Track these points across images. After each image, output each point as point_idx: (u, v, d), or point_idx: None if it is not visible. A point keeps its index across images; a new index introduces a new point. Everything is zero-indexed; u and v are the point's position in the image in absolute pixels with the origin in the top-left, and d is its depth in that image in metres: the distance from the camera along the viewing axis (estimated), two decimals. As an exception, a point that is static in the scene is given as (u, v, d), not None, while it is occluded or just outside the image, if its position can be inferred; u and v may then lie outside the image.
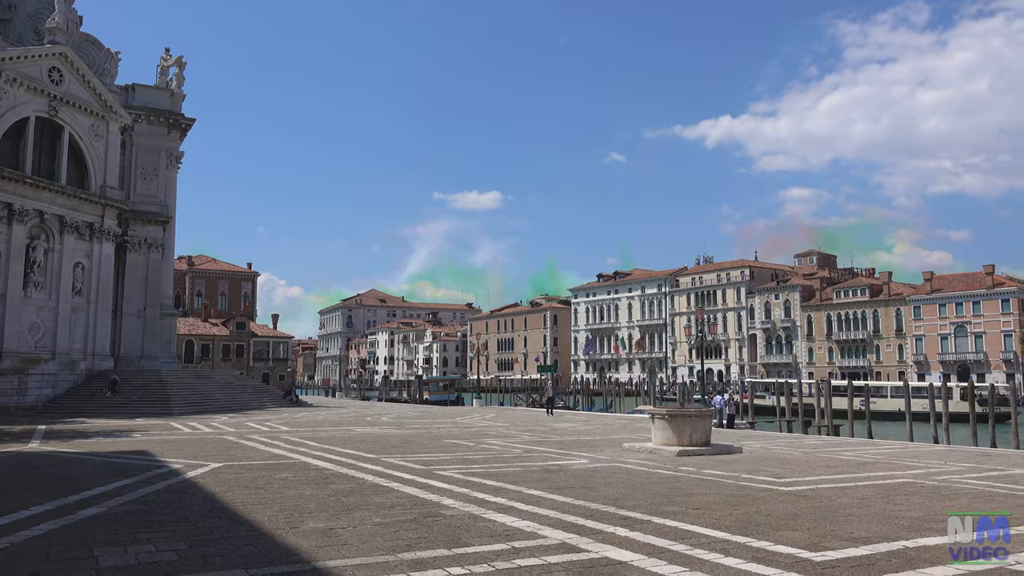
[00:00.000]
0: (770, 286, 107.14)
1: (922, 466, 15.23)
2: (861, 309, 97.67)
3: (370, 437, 22.34)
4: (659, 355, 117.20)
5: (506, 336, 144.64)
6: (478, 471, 13.64)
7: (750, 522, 8.73)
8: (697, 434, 17.75)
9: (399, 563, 6.65)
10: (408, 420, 32.56)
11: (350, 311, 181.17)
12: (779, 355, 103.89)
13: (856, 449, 19.70)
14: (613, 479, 12.72)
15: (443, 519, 8.82)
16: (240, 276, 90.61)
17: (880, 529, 8.35)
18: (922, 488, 11.91)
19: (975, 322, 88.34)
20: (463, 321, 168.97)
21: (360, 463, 14.98)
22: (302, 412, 40.28)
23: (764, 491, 11.40)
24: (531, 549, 7.23)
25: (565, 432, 24.85)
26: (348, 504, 9.90)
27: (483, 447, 18.90)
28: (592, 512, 9.31)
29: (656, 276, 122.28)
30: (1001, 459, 17.04)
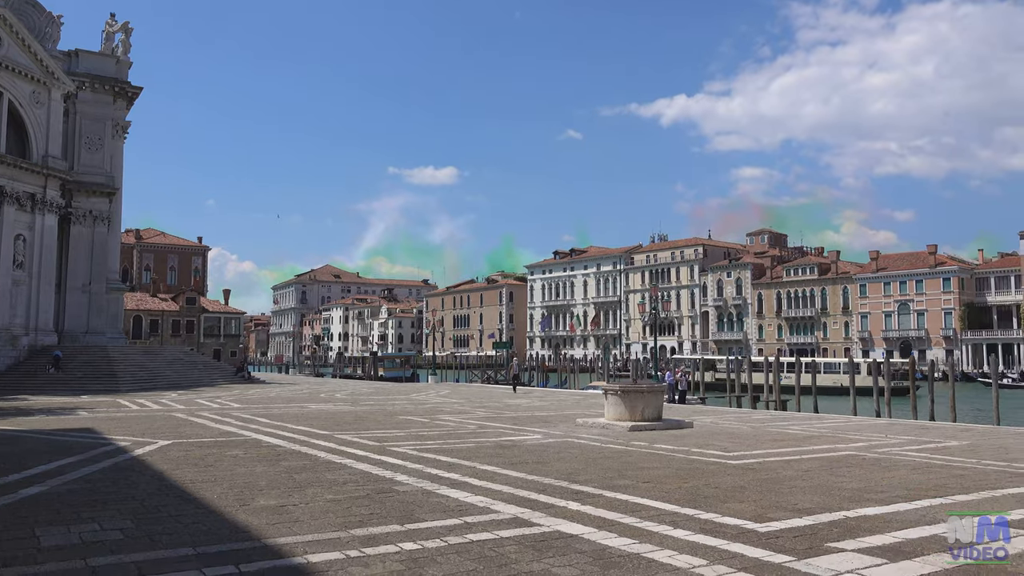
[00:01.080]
0: (722, 264, 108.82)
1: (864, 439, 15.71)
2: (810, 287, 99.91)
3: (324, 414, 22.19)
4: (613, 332, 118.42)
5: (462, 313, 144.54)
6: (432, 447, 13.66)
7: (699, 495, 8.91)
8: (649, 409, 18.01)
9: (351, 539, 6.64)
10: (362, 397, 32.41)
11: (304, 287, 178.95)
12: (730, 332, 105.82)
13: (802, 423, 20.23)
14: (566, 454, 12.85)
15: (396, 495, 8.81)
16: (190, 250, 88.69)
17: (823, 500, 8.60)
18: (863, 460, 12.29)
19: (918, 300, 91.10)
20: (419, 297, 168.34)
21: (313, 440, 14.88)
22: (254, 389, 39.78)
23: (713, 464, 11.64)
24: (484, 524, 7.28)
25: (519, 408, 25.01)
26: (300, 481, 9.83)
27: (438, 423, 18.92)
28: (545, 487, 9.40)
29: (611, 254, 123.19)
30: (938, 432, 17.66)
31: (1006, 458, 12.57)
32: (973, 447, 14.23)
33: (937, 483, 9.91)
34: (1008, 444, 14.82)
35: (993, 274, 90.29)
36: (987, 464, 11.83)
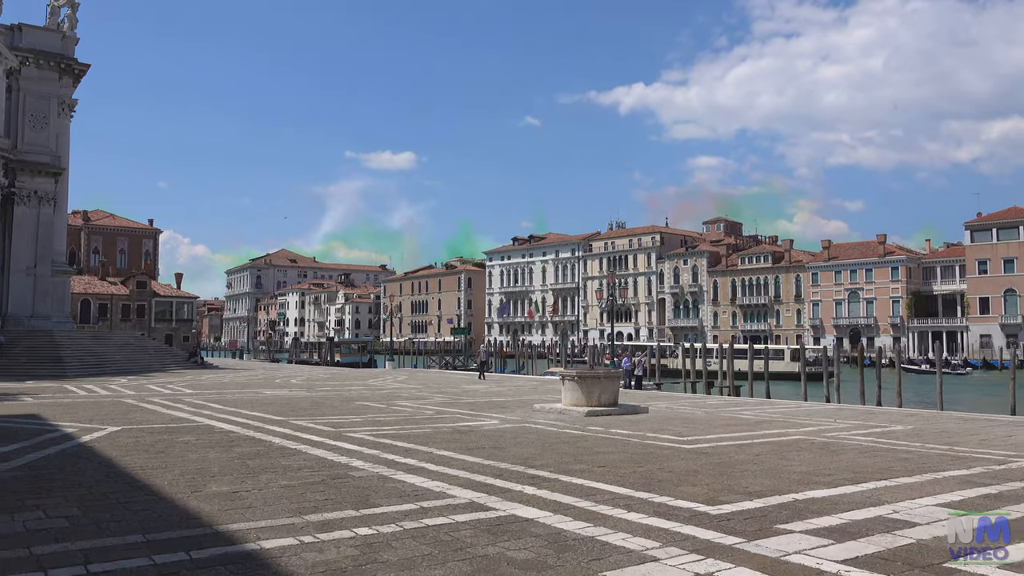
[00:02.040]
0: (679, 252, 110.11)
1: (814, 424, 16.08)
2: (764, 275, 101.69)
3: (279, 399, 21.93)
4: (572, 318, 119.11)
5: (420, 298, 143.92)
6: (389, 433, 13.61)
7: (653, 479, 9.03)
8: (605, 395, 18.18)
9: (305, 525, 6.58)
10: (319, 382, 32.12)
11: (259, 271, 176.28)
12: (686, 319, 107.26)
13: (755, 409, 20.62)
14: (523, 439, 12.91)
15: (352, 480, 8.76)
16: (141, 233, 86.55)
17: (773, 483, 8.78)
18: (812, 444, 12.58)
19: (867, 288, 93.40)
20: (376, 283, 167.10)
21: (267, 426, 14.70)
22: (207, 374, 39.13)
23: (667, 449, 11.81)
24: (440, 508, 7.28)
25: (477, 394, 25.03)
26: (254, 467, 9.71)
27: (395, 409, 18.85)
28: (501, 471, 9.43)
29: (570, 240, 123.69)
30: (884, 417, 18.17)
31: (948, 442, 12.99)
32: (917, 431, 14.67)
33: (882, 466, 10.19)
34: (950, 428, 15.31)
35: (939, 264, 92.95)
36: (930, 448, 12.20)
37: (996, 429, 15.23)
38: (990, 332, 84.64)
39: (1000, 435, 14.10)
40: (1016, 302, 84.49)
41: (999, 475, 9.49)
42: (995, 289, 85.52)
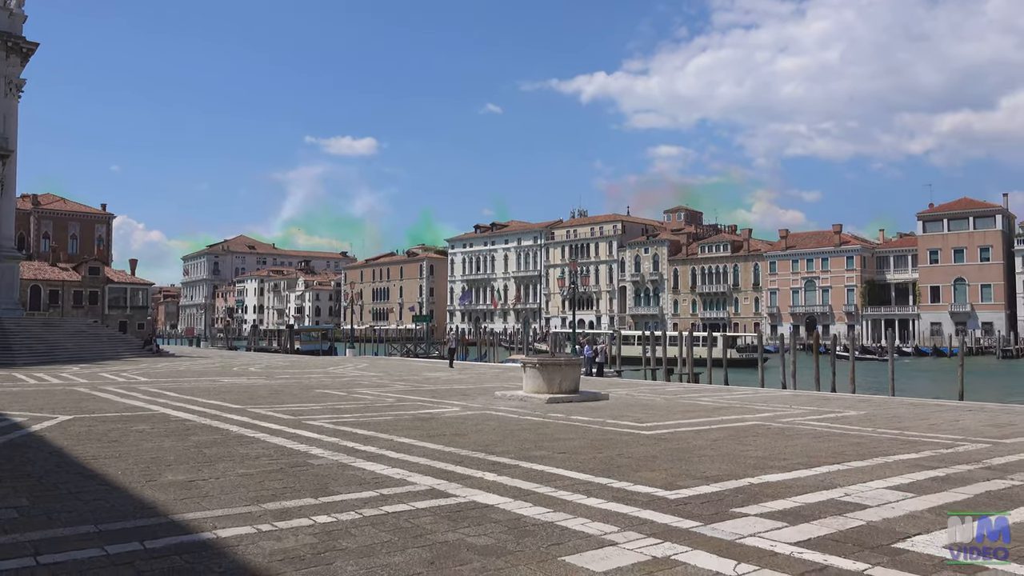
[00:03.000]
0: (640, 240, 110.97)
1: (770, 410, 16.37)
2: (723, 264, 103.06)
3: (236, 387, 21.64)
4: (533, 306, 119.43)
5: (381, 286, 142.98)
6: (349, 420, 13.52)
7: (612, 464, 9.11)
8: (566, 382, 18.28)
9: (263, 513, 6.51)
10: (278, 370, 31.76)
11: (216, 257, 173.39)
12: (647, 307, 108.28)
13: (713, 395, 20.92)
14: (484, 426, 12.93)
15: (311, 468, 8.69)
16: (93, 218, 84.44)
17: (729, 468, 8.93)
18: (768, 430, 12.81)
19: (823, 277, 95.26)
20: (337, 270, 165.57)
21: (225, 414, 14.50)
22: (163, 362, 38.45)
23: (627, 435, 11.93)
24: (399, 496, 7.26)
25: (438, 381, 25.00)
26: (210, 456, 9.57)
27: (355, 396, 18.73)
28: (462, 458, 9.44)
29: (532, 228, 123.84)
30: (838, 403, 18.57)
31: (898, 426, 13.33)
32: (869, 416, 15.02)
33: (835, 450, 10.43)
34: (901, 413, 15.71)
35: (892, 253, 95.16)
36: (881, 432, 12.51)
37: (944, 414, 15.67)
38: (940, 320, 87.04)
39: (948, 419, 14.52)
40: (965, 291, 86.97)
41: (946, 458, 9.77)
42: (945, 278, 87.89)
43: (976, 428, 13.12)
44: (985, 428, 13.12)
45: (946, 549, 5.58)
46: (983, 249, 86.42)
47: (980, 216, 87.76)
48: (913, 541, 5.80)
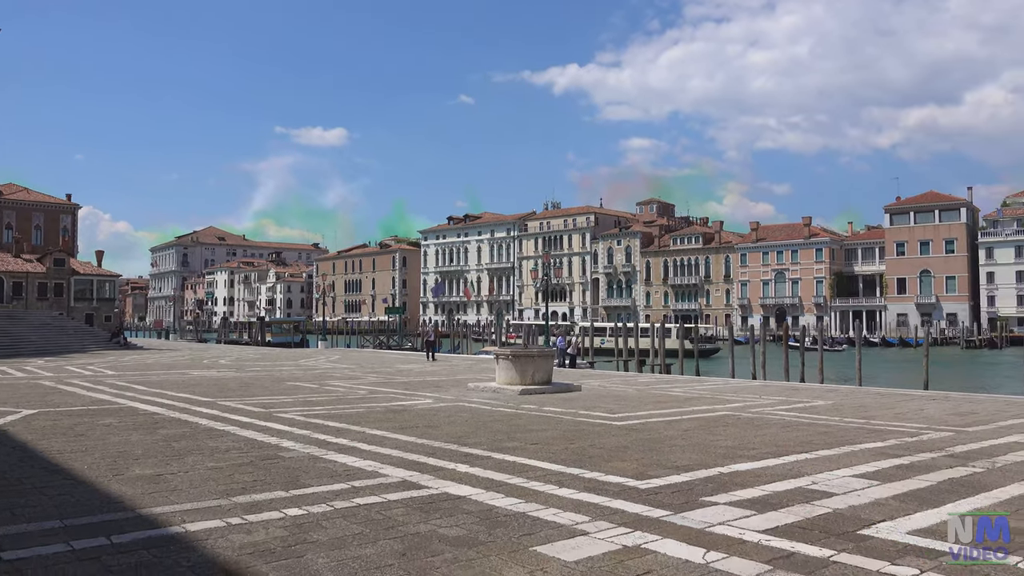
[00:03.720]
0: (613, 232, 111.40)
1: (740, 400, 16.56)
2: (694, 256, 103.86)
3: (206, 380, 21.40)
4: (507, 298, 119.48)
5: (354, 277, 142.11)
6: (321, 413, 13.44)
7: (584, 455, 9.16)
8: (539, 373, 18.33)
9: (233, 506, 6.46)
10: (248, 363, 31.47)
11: (185, 249, 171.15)
12: (619, 298, 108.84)
13: (684, 386, 21.12)
14: (456, 418, 12.93)
15: (282, 461, 8.63)
16: (58, 208, 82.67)
17: (700, 458, 9.02)
18: (738, 420, 12.96)
19: (793, 269, 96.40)
20: (309, 262, 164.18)
21: (194, 407, 14.34)
22: (131, 355, 37.91)
23: (599, 426, 11.99)
24: (371, 488, 7.24)
25: (411, 373, 24.93)
26: (179, 449, 9.46)
27: (327, 389, 18.62)
28: (434, 450, 9.43)
29: (505, 220, 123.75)
30: (807, 392, 18.83)
31: (865, 416, 13.56)
32: (836, 406, 15.25)
33: (803, 440, 10.58)
34: (867, 403, 15.97)
35: (860, 246, 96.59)
36: (848, 422, 12.71)
37: (910, 403, 15.97)
38: (906, 311, 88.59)
39: (913, 409, 14.79)
40: (931, 283, 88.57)
41: (911, 446, 9.96)
42: (912, 270, 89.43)
43: (940, 417, 13.38)
44: (948, 417, 13.39)
45: (910, 535, 5.69)
46: (948, 242, 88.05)
47: (945, 209, 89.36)
48: (878, 528, 5.91)
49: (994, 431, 11.59)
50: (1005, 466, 8.59)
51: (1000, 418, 13.26)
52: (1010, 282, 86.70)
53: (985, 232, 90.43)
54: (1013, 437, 10.91)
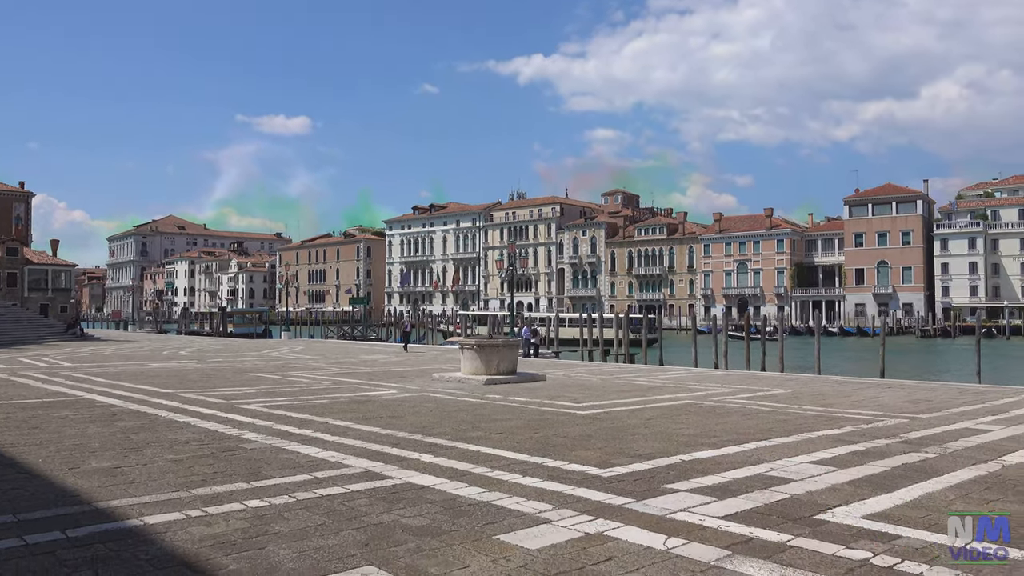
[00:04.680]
0: (578, 223, 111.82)
1: (702, 389, 16.78)
2: (659, 247, 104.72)
3: (166, 372, 21.06)
4: (472, 288, 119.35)
5: (317, 267, 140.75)
6: (283, 404, 13.31)
7: (548, 444, 9.21)
8: (504, 363, 18.37)
9: (192, 499, 6.37)
10: (210, 354, 31.03)
11: (144, 238, 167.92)
12: (585, 288, 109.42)
13: (648, 375, 21.32)
14: (421, 408, 12.90)
15: (243, 453, 8.54)
16: (10, 196, 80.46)
17: (662, 446, 9.13)
18: (700, 408, 13.14)
19: (754, 259, 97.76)
20: (272, 251, 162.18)
21: (153, 399, 14.10)
22: (88, 346, 37.14)
23: (563, 415, 12.06)
24: (334, 478, 7.20)
25: (376, 364, 24.81)
26: (137, 441, 9.30)
27: (290, 380, 18.45)
28: (398, 440, 9.41)
29: (471, 210, 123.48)
30: (767, 381, 19.15)
31: (823, 403, 13.83)
32: (796, 394, 15.54)
33: (763, 427, 10.76)
34: (825, 391, 16.30)
35: (820, 237, 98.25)
36: (807, 409, 12.96)
37: (866, 391, 16.33)
38: (864, 301, 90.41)
39: (869, 396, 15.13)
40: (888, 273, 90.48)
41: (867, 433, 10.19)
42: (870, 261, 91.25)
43: (895, 404, 13.71)
44: (903, 404, 13.72)
45: (864, 519, 5.83)
46: (904, 233, 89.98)
47: (902, 201, 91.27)
48: (833, 512, 6.04)
49: (946, 418, 11.91)
50: (956, 451, 8.84)
51: (952, 405, 13.63)
52: (963, 273, 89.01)
53: (940, 224, 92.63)
54: (964, 423, 11.23)
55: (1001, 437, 9.98)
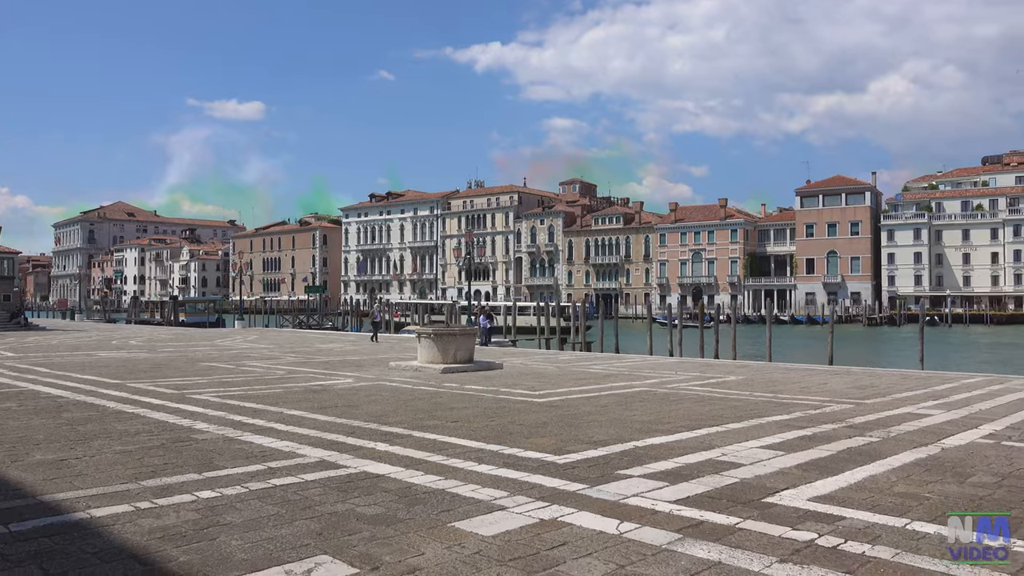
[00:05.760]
0: (536, 212, 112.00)
1: (657, 376, 17.00)
2: (616, 236, 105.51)
3: (115, 361, 20.59)
4: (430, 277, 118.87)
5: (272, 255, 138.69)
6: (237, 394, 13.13)
7: (504, 432, 9.26)
8: (461, 352, 18.36)
9: (142, 490, 6.26)
10: (161, 343, 30.41)
11: (92, 225, 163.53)
12: (542, 277, 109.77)
13: (604, 363, 21.52)
14: (377, 397, 12.85)
15: (195, 443, 8.41)
16: (-51, 181, 77.67)
17: (617, 432, 9.24)
18: (654, 395, 13.32)
19: (709, 249, 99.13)
20: (225, 239, 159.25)
21: (101, 389, 13.79)
22: (33, 336, 36.11)
23: (519, 403, 12.13)
24: (288, 468, 7.14)
25: (332, 353, 24.59)
26: (85, 433, 9.10)
27: (244, 369, 18.19)
28: (354, 429, 9.36)
29: (429, 198, 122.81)
30: (720, 369, 19.48)
31: (773, 390, 14.14)
32: (748, 381, 15.84)
33: (715, 413, 10.96)
34: (776, 378, 16.65)
35: (772, 227, 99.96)
36: (758, 396, 13.23)
37: (814, 378, 16.72)
38: (814, 290, 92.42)
39: (817, 383, 15.50)
40: (837, 263, 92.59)
41: (814, 418, 10.46)
42: (820, 251, 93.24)
43: (842, 390, 14.07)
44: (849, 390, 14.10)
45: (810, 502, 6.00)
46: (853, 224, 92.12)
47: (851, 193, 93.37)
48: (781, 495, 6.20)
49: (890, 403, 12.27)
50: (899, 435, 9.12)
51: (896, 391, 14.05)
52: (908, 263, 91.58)
53: (887, 215, 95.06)
54: (907, 408, 11.58)
55: (941, 421, 10.32)
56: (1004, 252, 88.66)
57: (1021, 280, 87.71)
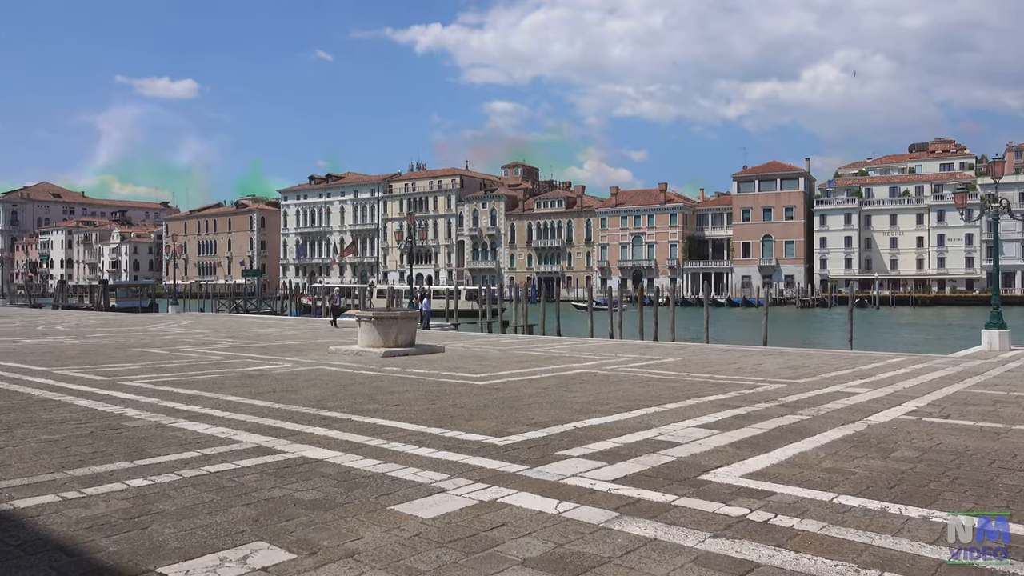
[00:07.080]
0: (479, 195, 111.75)
1: (597, 358, 17.21)
2: (557, 219, 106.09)
3: (41, 348, 19.83)
4: (371, 260, 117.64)
5: (208, 238, 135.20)
6: (170, 380, 12.80)
7: (445, 415, 9.26)
8: (403, 335, 18.26)
9: (69, 480, 6.06)
10: (90, 329, 29.40)
11: (14, 206, 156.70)
12: (485, 261, 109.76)
13: (546, 345, 21.67)
14: (317, 381, 12.69)
15: (125, 431, 8.17)
16: None
17: (557, 414, 9.33)
18: (594, 377, 13.48)
19: (649, 233, 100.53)
20: (158, 221, 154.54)
21: (26, 376, 13.27)
22: (-49, 322, 34.46)
23: (461, 386, 12.13)
24: (224, 455, 7.00)
25: (270, 337, 24.17)
26: (8, 422, 8.75)
27: (178, 355, 17.73)
28: (292, 414, 9.23)
29: (369, 181, 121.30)
30: (659, 351, 19.84)
31: (710, 371, 14.46)
32: (685, 362, 16.17)
33: (653, 394, 11.16)
34: (713, 359, 17.03)
35: (710, 211, 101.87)
36: (695, 376, 13.52)
37: (749, 359, 17.17)
38: (750, 274, 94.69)
39: (752, 363, 15.92)
40: (772, 247, 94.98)
41: (748, 398, 10.74)
42: (755, 235, 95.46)
43: (775, 370, 14.49)
44: (782, 370, 14.52)
45: (743, 478, 6.17)
46: (788, 209, 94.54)
47: (786, 178, 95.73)
48: (715, 473, 6.36)
49: (820, 382, 12.69)
50: (828, 413, 9.45)
51: (825, 370, 14.53)
52: (839, 247, 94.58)
53: (819, 200, 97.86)
54: (836, 387, 12.00)
55: (868, 399, 10.73)
56: (928, 236, 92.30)
57: (944, 263, 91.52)
